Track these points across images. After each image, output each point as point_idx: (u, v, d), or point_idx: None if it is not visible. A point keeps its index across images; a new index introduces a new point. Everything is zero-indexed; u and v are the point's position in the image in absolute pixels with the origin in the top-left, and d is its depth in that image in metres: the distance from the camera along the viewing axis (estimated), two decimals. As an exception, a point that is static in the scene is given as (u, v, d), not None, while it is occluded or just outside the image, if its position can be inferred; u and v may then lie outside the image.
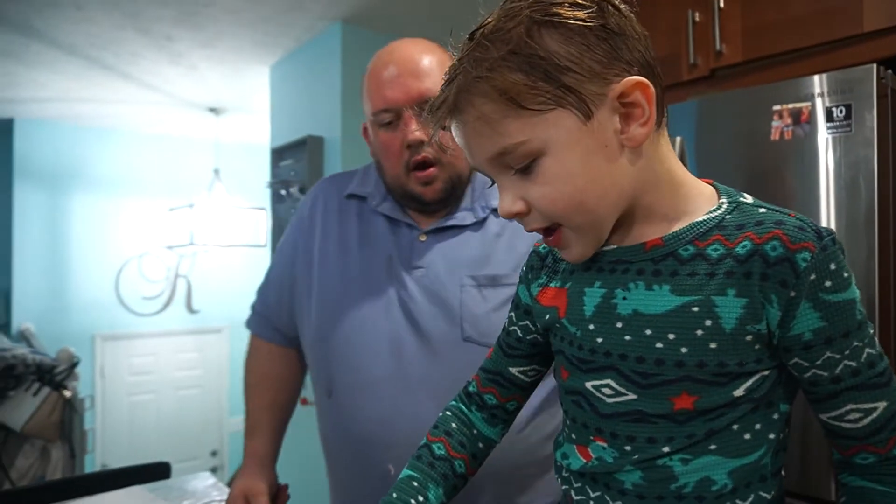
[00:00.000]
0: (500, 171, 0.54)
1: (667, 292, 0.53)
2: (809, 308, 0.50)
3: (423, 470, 0.68)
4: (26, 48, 2.75)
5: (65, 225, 4.15)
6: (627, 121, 0.52)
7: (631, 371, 0.54)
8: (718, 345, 0.51)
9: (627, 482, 0.55)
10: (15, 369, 2.31)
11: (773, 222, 0.51)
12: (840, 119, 1.20)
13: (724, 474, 0.53)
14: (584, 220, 0.54)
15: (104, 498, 1.09)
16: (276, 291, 1.08)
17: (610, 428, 0.56)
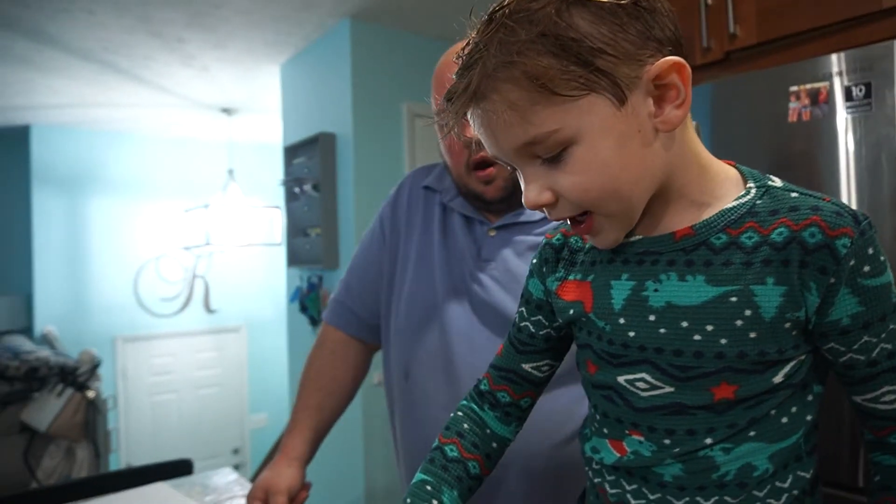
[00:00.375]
0: (526, 161, 0.52)
1: (702, 283, 0.52)
2: (848, 293, 0.49)
3: (437, 473, 0.66)
4: (40, 54, 2.79)
5: (83, 229, 4.21)
6: (661, 103, 0.50)
7: (668, 365, 0.53)
8: (758, 334, 0.50)
9: (667, 475, 0.55)
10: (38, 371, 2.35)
11: (809, 208, 0.50)
12: (860, 98, 1.18)
13: (764, 459, 0.53)
14: (618, 208, 0.52)
15: (128, 494, 1.10)
16: (359, 277, 1.10)
17: (647, 422, 0.55)
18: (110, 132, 4.28)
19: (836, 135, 1.22)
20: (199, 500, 1.06)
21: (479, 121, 0.52)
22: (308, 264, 2.82)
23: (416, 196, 1.07)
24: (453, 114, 0.52)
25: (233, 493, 1.09)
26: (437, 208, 1.03)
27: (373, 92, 2.61)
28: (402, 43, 2.71)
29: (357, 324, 1.10)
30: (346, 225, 2.65)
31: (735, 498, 0.53)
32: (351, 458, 2.58)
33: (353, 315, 1.10)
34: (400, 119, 2.68)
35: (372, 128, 2.61)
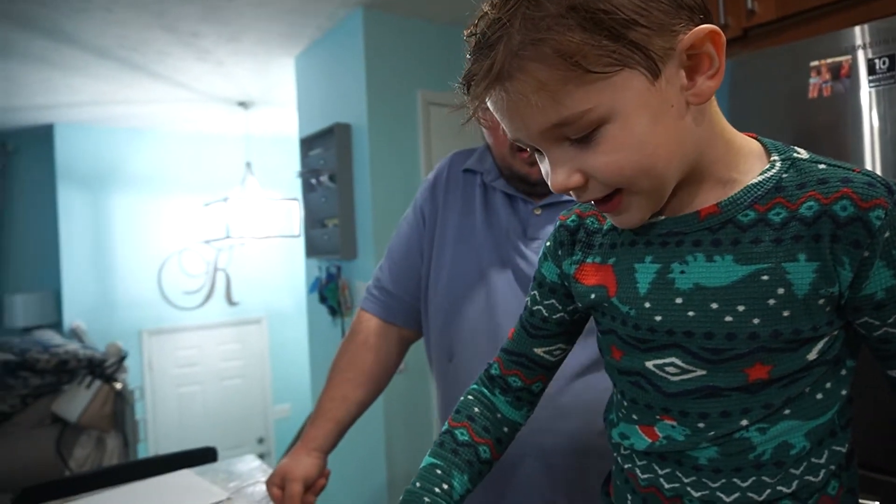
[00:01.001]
0: (553, 143, 0.49)
1: (730, 262, 0.50)
2: (883, 266, 0.47)
3: (447, 457, 0.65)
4: (59, 53, 2.83)
5: (107, 225, 4.29)
6: (693, 75, 0.47)
7: (699, 348, 0.51)
8: (792, 312, 0.48)
9: (702, 458, 0.53)
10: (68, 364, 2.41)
11: (839, 180, 0.47)
12: (883, 71, 1.15)
13: (801, 437, 0.52)
14: (651, 185, 0.49)
15: (155, 481, 1.13)
16: (398, 262, 1.10)
17: (678, 406, 0.54)
18: (130, 129, 4.35)
19: (860, 110, 1.19)
20: (223, 486, 1.08)
21: (501, 103, 0.48)
22: (326, 255, 2.84)
23: (455, 179, 1.07)
24: (474, 97, 0.49)
25: (256, 479, 1.11)
26: (477, 189, 1.03)
27: (387, 81, 2.61)
28: (415, 31, 2.70)
29: (395, 308, 1.09)
30: (363, 214, 2.66)
31: (773, 478, 0.52)
32: (373, 446, 2.61)
33: (391, 298, 1.09)
34: (415, 107, 2.68)
35: (387, 117, 2.61)
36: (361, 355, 1.07)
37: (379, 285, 1.11)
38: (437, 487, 0.62)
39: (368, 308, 1.11)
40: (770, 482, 0.52)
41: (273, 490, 0.97)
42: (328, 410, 1.03)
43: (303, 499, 0.95)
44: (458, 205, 1.04)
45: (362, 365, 1.06)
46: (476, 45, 0.48)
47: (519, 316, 0.71)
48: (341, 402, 1.04)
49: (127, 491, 1.08)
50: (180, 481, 1.12)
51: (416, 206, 1.11)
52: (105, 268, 4.26)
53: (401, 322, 1.10)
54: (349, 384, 1.05)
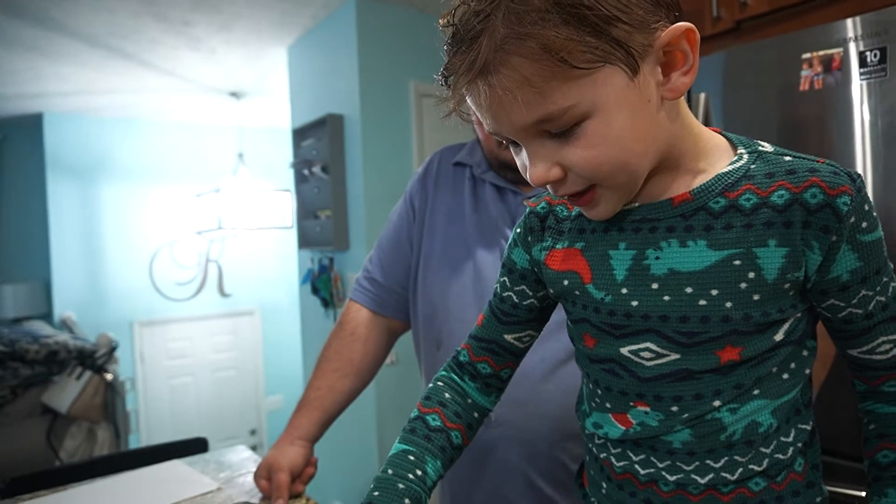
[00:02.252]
0: (534, 137, 0.49)
1: (704, 247, 0.51)
2: (848, 250, 0.50)
3: (419, 443, 0.65)
4: (48, 41, 2.79)
5: (98, 215, 4.25)
6: (668, 71, 0.49)
7: (674, 332, 0.53)
8: (761, 296, 0.51)
9: (675, 441, 0.55)
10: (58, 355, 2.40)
11: (806, 170, 0.50)
12: (874, 64, 1.15)
13: (768, 415, 0.54)
14: (626, 179, 0.51)
15: (145, 471, 1.12)
16: (389, 252, 1.11)
17: (653, 391, 0.55)
18: (120, 118, 4.31)
19: (851, 102, 1.20)
20: (214, 477, 1.08)
21: (483, 97, 0.48)
22: (319, 246, 2.83)
23: (446, 172, 1.08)
24: (455, 91, 0.49)
25: (247, 470, 1.10)
26: (467, 182, 1.04)
27: (380, 72, 2.60)
28: (409, 21, 2.68)
29: (384, 299, 1.10)
30: (355, 206, 2.65)
31: (744, 456, 0.54)
32: (365, 437, 2.62)
33: (381, 290, 1.10)
34: (407, 98, 2.66)
35: (379, 108, 2.59)
36: (350, 346, 1.07)
37: (369, 276, 1.11)
38: (410, 474, 0.62)
39: (358, 299, 1.11)
40: (742, 461, 0.54)
41: (260, 482, 0.97)
42: (314, 400, 1.03)
43: (291, 488, 0.95)
44: (448, 196, 1.05)
45: (350, 355, 1.06)
46: (455, 37, 0.48)
47: (488, 302, 0.71)
48: (328, 391, 1.04)
49: (117, 481, 1.08)
50: (170, 472, 1.12)
51: (406, 198, 1.12)
52: (96, 258, 4.23)
53: (390, 313, 1.10)
54: (336, 374, 1.05)
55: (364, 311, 1.09)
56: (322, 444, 1.07)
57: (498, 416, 0.92)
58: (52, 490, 1.05)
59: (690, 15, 1.57)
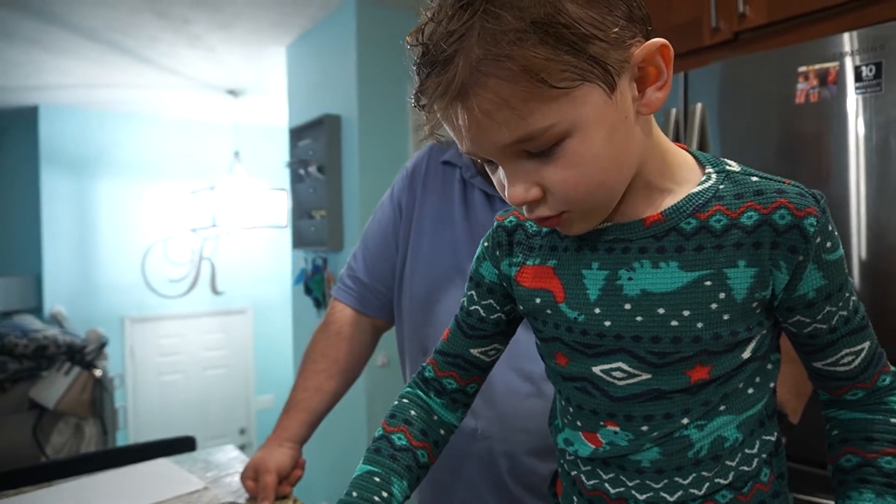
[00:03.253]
0: (513, 158, 0.48)
1: (675, 269, 0.52)
2: (814, 269, 0.51)
3: (384, 463, 0.63)
4: (48, 35, 2.79)
5: (91, 210, 4.23)
6: (642, 86, 0.49)
7: (646, 352, 0.53)
8: (731, 316, 0.51)
9: (644, 460, 0.55)
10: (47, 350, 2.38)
11: (774, 192, 0.51)
12: (869, 78, 1.16)
13: (734, 429, 0.55)
14: (603, 199, 0.50)
15: (132, 469, 1.12)
16: (373, 251, 1.09)
17: (624, 411, 0.55)
18: (117, 113, 4.29)
19: (846, 117, 1.21)
20: (201, 476, 1.07)
21: (459, 119, 0.47)
22: (313, 246, 2.83)
23: (435, 171, 1.06)
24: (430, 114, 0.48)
25: (234, 470, 1.10)
26: (457, 184, 1.02)
27: (378, 73, 2.60)
28: (408, 24, 2.66)
29: (369, 298, 1.09)
30: (350, 207, 2.65)
31: (711, 471, 0.54)
32: (354, 440, 2.61)
33: (365, 289, 1.08)
34: (405, 101, 2.67)
35: (377, 109, 2.60)
36: (335, 346, 1.06)
37: (353, 275, 1.10)
38: (375, 496, 0.60)
39: (342, 298, 1.10)
40: (708, 476, 0.54)
41: (247, 483, 0.96)
42: (301, 401, 1.03)
43: (278, 489, 0.95)
44: (437, 197, 1.03)
45: (336, 355, 1.06)
46: (427, 58, 0.47)
47: (454, 316, 0.70)
48: (315, 392, 1.03)
49: (103, 479, 1.07)
50: (157, 470, 1.11)
51: (392, 197, 1.10)
52: (88, 253, 4.21)
53: (375, 313, 1.09)
54: (323, 375, 1.04)
55: (349, 311, 1.09)
56: (312, 446, 1.06)
57: (483, 429, 0.91)
58: (36, 486, 1.04)
59: (689, 26, 1.58)
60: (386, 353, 2.50)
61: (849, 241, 1.20)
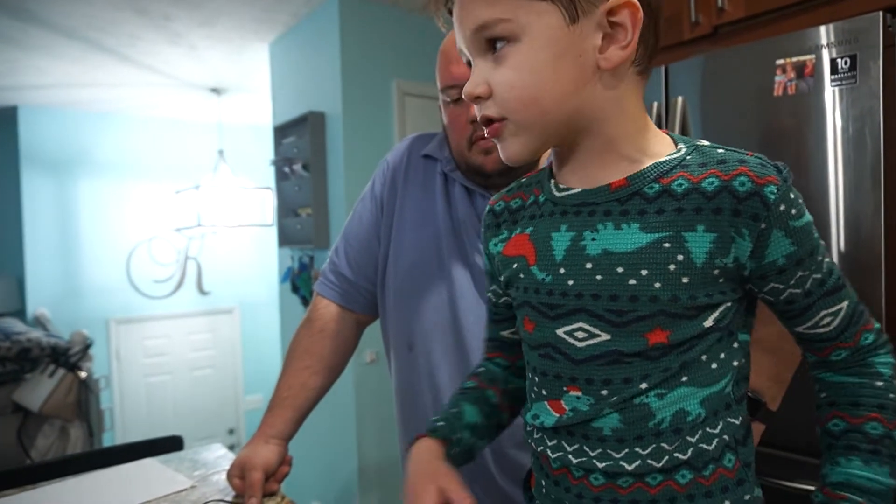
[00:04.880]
0: (478, 52, 0.55)
1: (636, 230, 0.54)
2: (781, 236, 0.52)
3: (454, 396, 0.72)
4: (25, 33, 2.74)
5: (74, 211, 4.18)
6: (609, 42, 0.53)
7: (604, 310, 0.55)
8: (690, 279, 0.53)
9: (606, 428, 0.56)
10: (31, 352, 2.35)
11: (735, 161, 0.53)
12: (845, 71, 1.18)
13: (696, 404, 0.55)
14: (533, 119, 0.54)
15: (118, 470, 1.11)
16: (354, 245, 1.09)
17: (584, 374, 0.56)
18: (98, 113, 4.24)
19: (823, 108, 1.22)
20: (188, 475, 1.07)
21: (455, 8, 0.56)
22: (299, 244, 2.82)
23: (416, 163, 1.06)
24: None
25: (222, 468, 1.09)
26: (438, 177, 1.03)
27: (362, 70, 2.59)
28: (392, 19, 2.68)
29: (353, 295, 1.09)
30: (336, 204, 2.64)
31: (671, 445, 0.55)
32: (344, 436, 2.61)
33: (349, 285, 1.08)
34: (389, 97, 2.66)
35: (361, 106, 2.59)
36: (319, 342, 1.06)
37: (336, 270, 1.10)
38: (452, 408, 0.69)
39: (326, 294, 1.10)
40: (668, 449, 0.55)
41: (233, 481, 0.96)
42: (286, 398, 1.03)
43: (265, 487, 0.95)
44: (419, 191, 1.04)
45: (321, 352, 1.06)
46: None
47: None
48: (300, 389, 1.03)
49: (88, 480, 1.07)
50: (143, 470, 1.10)
51: (373, 191, 1.09)
52: (71, 255, 4.16)
53: (358, 308, 1.09)
54: (307, 371, 1.05)
55: (333, 307, 1.09)
56: (301, 443, 1.06)
57: None
58: (21, 489, 1.03)
59: (669, 20, 1.60)
60: (374, 350, 2.51)
61: (827, 231, 1.22)
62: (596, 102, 0.54)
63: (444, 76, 0.95)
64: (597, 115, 0.55)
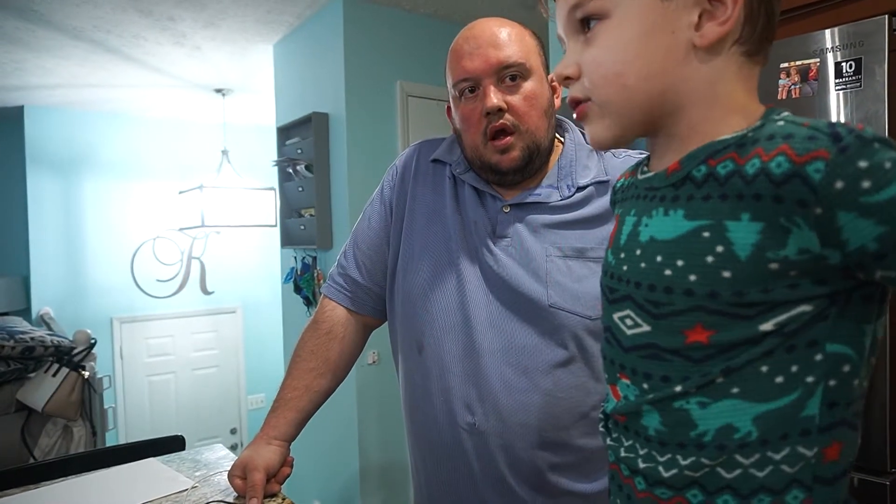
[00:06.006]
0: (573, 33, 0.55)
1: (681, 217, 0.50)
2: (856, 217, 0.42)
3: None
4: (32, 34, 2.76)
5: (78, 210, 4.20)
6: (707, 19, 0.49)
7: (644, 300, 0.52)
8: (733, 274, 0.46)
9: (650, 428, 0.53)
10: (34, 351, 2.36)
11: (783, 136, 0.45)
12: (849, 74, 1.17)
13: (747, 421, 0.48)
14: (617, 98, 0.52)
15: (119, 469, 1.11)
16: (363, 248, 1.09)
17: (630, 363, 0.54)
18: (103, 113, 4.26)
19: (827, 112, 1.22)
20: (190, 475, 1.07)
21: None
22: (302, 245, 2.82)
23: (425, 169, 1.06)
24: None
25: (223, 468, 1.10)
26: (447, 181, 1.03)
27: (366, 71, 2.59)
28: (396, 21, 2.68)
29: (362, 298, 1.09)
30: (339, 205, 2.65)
31: (712, 460, 0.49)
32: (345, 437, 2.61)
33: (357, 288, 1.08)
34: (393, 98, 2.67)
35: (365, 107, 2.59)
36: (326, 345, 1.06)
37: (344, 273, 1.10)
38: None
39: (334, 297, 1.10)
40: (708, 464, 0.49)
41: (235, 481, 0.96)
42: (290, 400, 1.03)
43: (267, 487, 0.95)
44: (428, 193, 1.04)
45: (327, 354, 1.06)
46: None
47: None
48: (304, 391, 1.03)
49: (90, 479, 1.07)
50: (146, 470, 1.11)
51: (382, 197, 1.10)
52: (76, 254, 4.18)
53: (367, 312, 1.10)
54: (313, 373, 1.05)
55: (340, 310, 1.09)
56: (302, 444, 1.06)
57: (480, 424, 0.92)
58: (24, 488, 1.04)
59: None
60: (376, 351, 2.51)
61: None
62: (687, 84, 0.50)
63: (457, 70, 0.96)
64: (685, 98, 0.51)
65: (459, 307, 0.96)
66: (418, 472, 1.04)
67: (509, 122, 0.93)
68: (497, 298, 0.94)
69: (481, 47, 0.93)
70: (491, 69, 0.92)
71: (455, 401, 0.94)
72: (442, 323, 0.97)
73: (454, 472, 0.95)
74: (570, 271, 0.92)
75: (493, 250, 0.95)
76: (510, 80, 0.92)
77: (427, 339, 0.98)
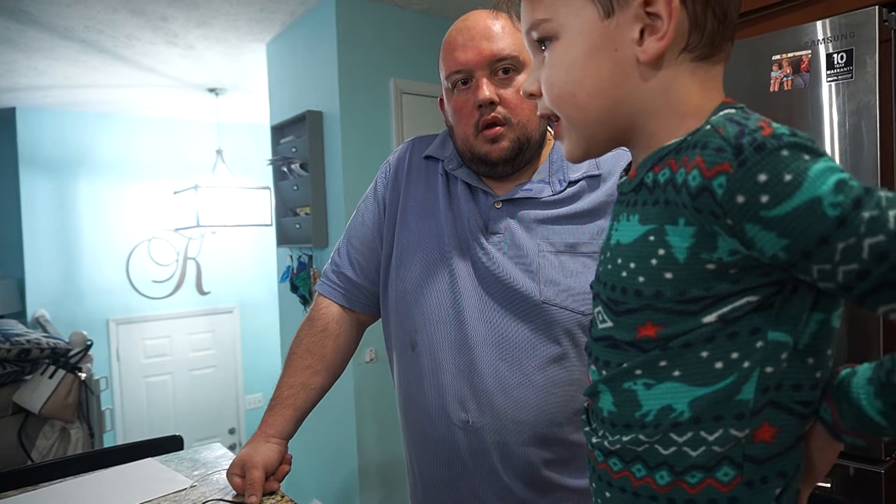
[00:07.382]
0: (534, 52, 0.58)
1: (636, 222, 0.53)
2: (760, 230, 0.43)
3: None
4: (22, 34, 2.74)
5: (73, 212, 4.18)
6: (648, 34, 0.51)
7: (608, 298, 0.55)
8: (674, 275, 0.49)
9: (605, 409, 0.56)
10: (30, 353, 2.35)
11: (699, 146, 0.46)
12: (841, 66, 1.18)
13: (684, 403, 0.50)
14: (574, 115, 0.55)
15: (118, 470, 1.11)
16: (357, 246, 1.09)
17: (595, 352, 0.58)
18: (96, 113, 4.24)
19: (819, 104, 1.23)
20: (188, 474, 1.07)
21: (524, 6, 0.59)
22: (298, 244, 2.82)
23: (417, 166, 1.07)
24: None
25: (222, 467, 1.10)
26: (440, 177, 1.03)
27: (359, 68, 2.59)
28: (389, 18, 2.68)
29: (355, 295, 1.09)
30: (335, 203, 2.65)
31: (650, 437, 0.52)
32: (344, 435, 2.61)
33: (351, 286, 1.09)
34: (387, 95, 2.66)
35: (359, 105, 2.59)
36: (321, 342, 1.07)
37: (338, 271, 1.10)
38: None
39: (328, 294, 1.10)
40: (645, 440, 0.52)
41: (234, 479, 0.96)
42: (287, 397, 1.03)
43: (265, 485, 0.95)
44: (421, 190, 1.04)
45: (322, 352, 1.06)
46: None
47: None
48: (301, 389, 1.04)
49: (89, 480, 1.07)
50: (144, 470, 1.11)
51: (376, 194, 1.10)
52: (70, 256, 4.17)
53: (361, 309, 1.10)
54: (308, 371, 1.05)
55: (335, 307, 1.09)
56: (300, 442, 1.06)
57: (475, 421, 0.92)
58: (22, 490, 1.04)
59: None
60: (373, 349, 2.51)
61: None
62: (638, 96, 0.52)
63: (449, 62, 0.96)
64: (640, 110, 0.53)
65: (452, 303, 0.96)
66: (413, 468, 1.04)
67: (501, 114, 0.93)
68: (489, 294, 0.94)
69: (474, 39, 0.93)
70: (484, 61, 0.92)
71: (449, 397, 0.94)
72: (434, 319, 0.98)
73: (448, 467, 0.96)
74: (563, 267, 0.93)
75: (485, 246, 0.96)
76: (503, 72, 0.93)
77: (420, 336, 0.99)
